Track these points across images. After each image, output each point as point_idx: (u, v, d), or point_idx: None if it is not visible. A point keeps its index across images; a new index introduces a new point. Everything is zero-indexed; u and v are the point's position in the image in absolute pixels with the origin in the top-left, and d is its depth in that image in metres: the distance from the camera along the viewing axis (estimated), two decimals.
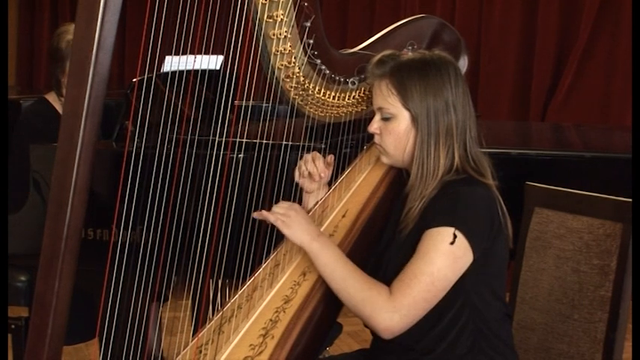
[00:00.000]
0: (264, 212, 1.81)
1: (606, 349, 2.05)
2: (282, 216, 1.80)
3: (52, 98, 3.01)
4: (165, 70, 2.42)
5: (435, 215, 1.76)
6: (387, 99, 1.84)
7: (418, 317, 1.74)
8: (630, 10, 4.25)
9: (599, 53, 4.53)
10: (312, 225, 1.83)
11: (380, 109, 1.87)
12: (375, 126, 1.89)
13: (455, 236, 1.71)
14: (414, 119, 1.82)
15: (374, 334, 1.91)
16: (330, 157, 2.05)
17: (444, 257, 1.72)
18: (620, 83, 4.40)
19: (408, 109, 1.82)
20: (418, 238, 1.76)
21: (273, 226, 1.83)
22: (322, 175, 2.03)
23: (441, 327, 1.79)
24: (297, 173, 2.04)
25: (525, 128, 4.04)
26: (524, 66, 4.79)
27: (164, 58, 2.41)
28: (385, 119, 1.86)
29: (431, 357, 1.80)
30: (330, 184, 2.09)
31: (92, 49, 1.45)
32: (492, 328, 1.83)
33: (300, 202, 2.05)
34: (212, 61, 2.56)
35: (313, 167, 2.02)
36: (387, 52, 1.90)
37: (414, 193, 1.82)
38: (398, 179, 1.96)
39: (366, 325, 1.82)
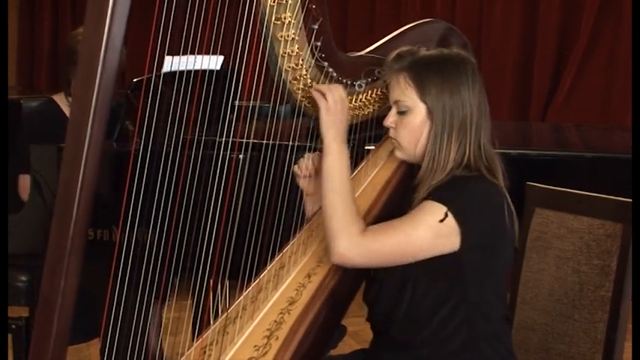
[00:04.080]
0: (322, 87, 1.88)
1: (606, 349, 2.06)
2: (332, 101, 1.86)
3: (59, 99, 3.02)
4: (164, 71, 2.43)
5: (436, 192, 1.78)
6: (405, 92, 1.85)
7: (374, 265, 1.79)
8: (631, 10, 4.26)
9: (599, 53, 4.54)
10: (345, 128, 1.89)
11: (396, 102, 1.88)
12: (390, 119, 1.89)
13: (446, 215, 1.73)
14: (430, 112, 1.83)
15: (373, 332, 1.92)
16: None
17: (427, 228, 1.74)
18: (621, 83, 4.41)
19: (425, 102, 1.83)
20: None
21: (278, 228, 1.85)
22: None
23: (437, 321, 1.79)
24: (296, 171, 2.05)
25: (526, 128, 4.05)
26: (525, 66, 4.80)
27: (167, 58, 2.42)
28: (401, 113, 1.87)
29: (428, 350, 1.81)
30: None
31: (100, 48, 1.45)
32: (491, 327, 1.84)
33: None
34: (212, 62, 2.56)
35: (311, 167, 2.03)
36: (404, 47, 1.91)
37: (422, 185, 1.83)
38: (408, 177, 1.97)
39: (368, 319, 1.82)
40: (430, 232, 1.74)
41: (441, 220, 1.73)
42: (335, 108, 1.86)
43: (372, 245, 1.75)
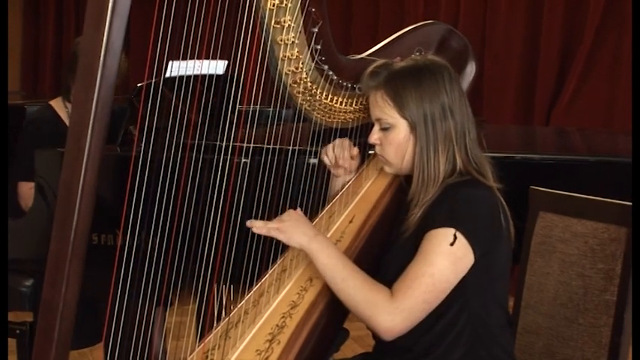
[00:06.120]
0: (255, 223, 1.81)
1: (611, 353, 2.05)
2: (275, 223, 1.81)
3: (56, 105, 3.03)
4: (168, 76, 2.43)
5: (436, 217, 1.76)
6: (384, 110, 1.85)
7: (419, 319, 1.74)
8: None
9: (603, 57, 4.53)
10: (309, 226, 1.83)
11: (378, 120, 1.88)
12: (375, 137, 1.89)
13: (455, 237, 1.71)
14: (412, 127, 1.82)
15: (376, 337, 1.91)
16: (355, 150, 2.06)
17: (444, 258, 1.72)
18: (625, 87, 4.39)
19: (405, 118, 1.83)
20: (419, 240, 1.76)
21: None
22: (345, 165, 2.06)
23: (438, 330, 1.78)
24: (324, 156, 2.07)
25: (529, 132, 4.04)
26: (529, 70, 4.79)
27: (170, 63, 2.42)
28: (384, 129, 1.87)
29: (429, 359, 1.80)
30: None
31: (100, 53, 1.46)
32: (492, 335, 1.83)
33: (305, 208, 2.06)
34: (216, 67, 2.56)
35: (334, 154, 2.05)
36: (379, 62, 1.90)
37: (415, 199, 1.83)
38: (406, 183, 1.97)
39: (369, 327, 1.82)
40: (448, 259, 1.72)
41: (452, 244, 1.71)
42: (282, 223, 1.80)
43: (406, 303, 1.71)
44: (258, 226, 1.81)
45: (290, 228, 1.80)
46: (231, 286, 2.40)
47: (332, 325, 1.85)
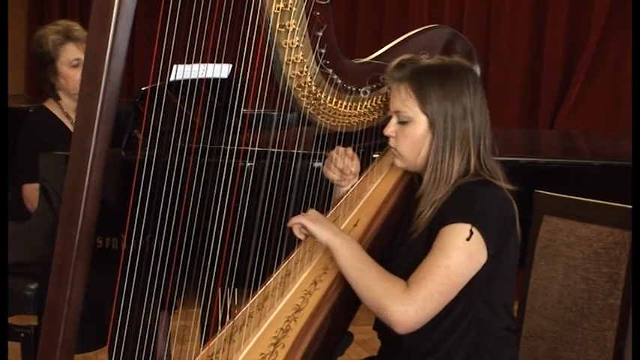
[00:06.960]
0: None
1: (616, 357, 2.05)
2: (305, 216, 1.83)
3: (50, 105, 3.02)
4: (173, 79, 2.43)
5: (450, 213, 1.76)
6: (405, 102, 1.85)
7: (433, 312, 1.73)
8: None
9: (608, 60, 4.53)
10: (332, 223, 1.87)
11: (397, 112, 1.87)
12: (391, 129, 1.89)
13: (471, 233, 1.72)
14: (432, 124, 1.83)
15: (382, 338, 1.91)
16: (350, 150, 2.06)
17: (459, 252, 1.72)
18: (630, 90, 4.39)
19: (426, 114, 1.83)
20: (430, 237, 1.77)
21: (284, 236, 1.84)
22: (352, 170, 2.05)
23: (442, 330, 1.79)
24: (328, 172, 2.06)
25: (534, 136, 4.04)
26: (533, 73, 4.79)
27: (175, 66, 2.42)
28: (402, 123, 1.87)
29: (432, 359, 1.80)
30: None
31: (105, 56, 1.46)
32: (495, 337, 1.83)
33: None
34: (220, 70, 2.57)
35: (342, 164, 2.04)
36: (406, 55, 1.91)
37: (425, 197, 1.83)
38: (410, 188, 1.97)
39: (375, 328, 1.81)
40: (463, 254, 1.72)
41: (468, 239, 1.72)
42: (312, 217, 1.83)
43: (419, 295, 1.71)
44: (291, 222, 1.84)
45: (316, 221, 1.82)
46: (236, 290, 2.40)
47: (336, 329, 1.85)
